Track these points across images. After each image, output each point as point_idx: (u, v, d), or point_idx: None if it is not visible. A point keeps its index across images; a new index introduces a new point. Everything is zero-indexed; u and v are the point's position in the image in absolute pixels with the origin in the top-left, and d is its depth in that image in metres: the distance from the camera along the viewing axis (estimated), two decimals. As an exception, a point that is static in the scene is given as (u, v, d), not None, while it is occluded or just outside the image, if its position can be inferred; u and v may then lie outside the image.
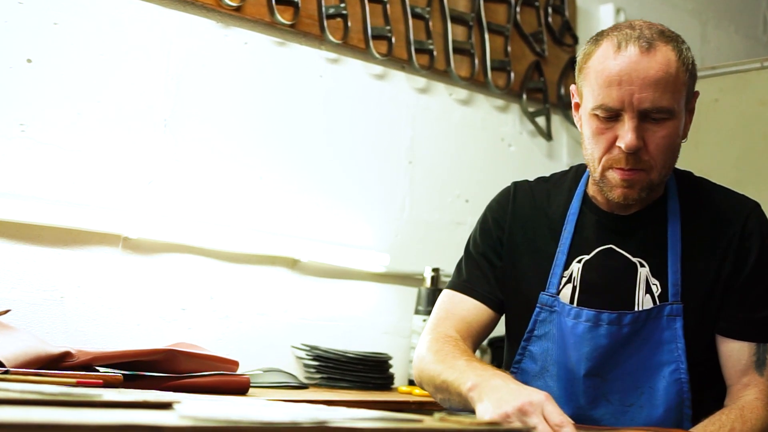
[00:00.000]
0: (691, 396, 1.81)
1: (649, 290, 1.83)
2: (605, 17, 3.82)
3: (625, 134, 1.74)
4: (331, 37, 2.92)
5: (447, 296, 2.02)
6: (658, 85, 1.72)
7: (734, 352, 1.83)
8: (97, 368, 2.12)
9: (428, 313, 2.93)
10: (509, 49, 3.42)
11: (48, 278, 2.39)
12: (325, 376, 2.77)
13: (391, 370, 2.90)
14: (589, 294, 1.86)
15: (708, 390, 1.85)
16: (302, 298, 2.87)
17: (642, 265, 1.84)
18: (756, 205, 1.92)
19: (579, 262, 1.89)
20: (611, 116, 1.77)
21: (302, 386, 2.64)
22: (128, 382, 2.10)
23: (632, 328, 1.82)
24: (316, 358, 2.79)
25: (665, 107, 1.73)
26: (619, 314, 1.82)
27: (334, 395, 2.55)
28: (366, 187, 3.05)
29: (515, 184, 2.07)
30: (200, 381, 2.23)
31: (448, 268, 3.17)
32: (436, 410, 2.75)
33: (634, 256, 1.85)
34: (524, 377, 1.91)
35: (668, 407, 1.80)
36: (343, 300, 2.97)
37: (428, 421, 1.29)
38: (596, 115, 1.79)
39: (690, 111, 1.83)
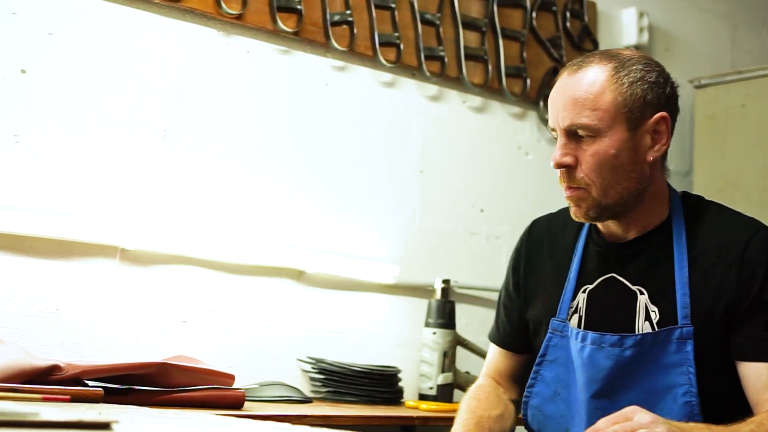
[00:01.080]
0: (704, 419, 1.78)
1: (648, 317, 1.84)
2: (628, 22, 3.73)
3: (554, 152, 1.85)
4: (336, 45, 2.87)
5: (490, 345, 2.19)
6: (576, 103, 1.80)
7: (753, 373, 1.79)
8: (87, 382, 2.10)
9: (438, 325, 2.90)
10: (525, 55, 3.35)
11: (43, 290, 2.37)
12: (330, 389, 2.72)
13: (401, 384, 2.84)
14: (593, 322, 1.90)
15: (726, 421, 1.79)
16: (308, 311, 2.82)
17: (641, 293, 1.86)
18: (761, 229, 1.87)
19: (584, 292, 1.94)
20: (556, 138, 1.87)
21: (306, 400, 2.59)
22: (117, 396, 2.07)
23: (637, 351, 1.82)
24: (321, 371, 2.74)
25: (584, 125, 1.79)
26: (621, 336, 1.84)
27: (338, 410, 2.49)
28: (375, 197, 3.00)
29: (532, 222, 2.15)
30: (192, 395, 2.19)
31: (461, 279, 3.13)
32: (441, 425, 2.70)
33: (633, 284, 1.88)
34: (537, 401, 1.97)
35: None
36: (351, 312, 2.92)
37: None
38: (555, 139, 1.90)
39: (657, 132, 1.84)
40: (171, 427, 1.31)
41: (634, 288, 1.86)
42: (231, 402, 2.23)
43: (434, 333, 2.89)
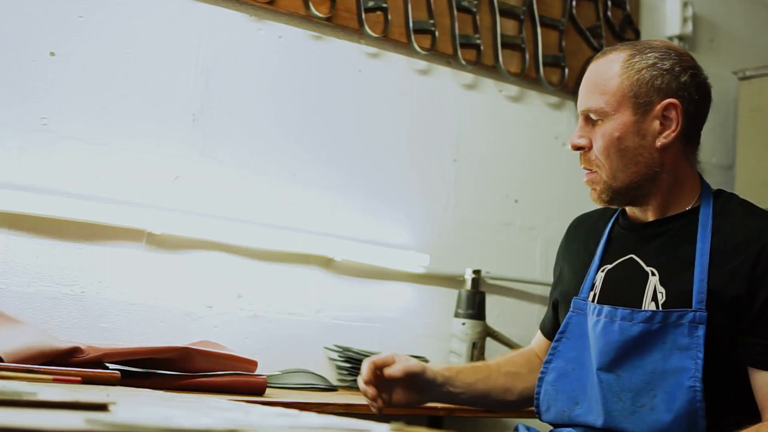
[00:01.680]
0: (706, 406, 1.76)
1: (654, 298, 1.85)
2: (671, 11, 3.65)
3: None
4: (370, 31, 2.85)
5: None
6: (589, 87, 1.90)
7: (761, 379, 1.79)
8: (107, 365, 2.09)
9: (468, 316, 2.86)
10: (564, 44, 3.30)
11: (68, 273, 2.37)
12: (356, 378, 2.69)
13: (429, 374, 2.81)
14: (605, 298, 1.93)
15: (727, 412, 1.80)
16: (336, 299, 2.80)
17: (653, 274, 1.87)
18: None
19: (603, 271, 1.97)
20: None
21: (331, 388, 2.57)
22: (138, 380, 2.07)
23: (646, 328, 1.82)
24: (347, 359, 2.71)
25: (593, 108, 1.87)
26: (631, 311, 1.85)
27: (361, 399, 2.46)
28: (407, 186, 2.97)
29: (575, 219, 2.21)
30: (214, 381, 2.18)
31: (494, 270, 3.09)
32: (467, 417, 2.67)
33: (647, 265, 1.89)
34: (553, 376, 1.99)
35: (679, 413, 1.78)
36: (380, 301, 2.89)
37: (382, 430, 1.20)
38: None
39: (666, 119, 1.87)
40: (172, 410, 1.30)
41: (647, 269, 1.88)
42: (252, 388, 2.22)
43: (463, 324, 2.86)
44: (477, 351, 2.85)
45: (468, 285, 2.91)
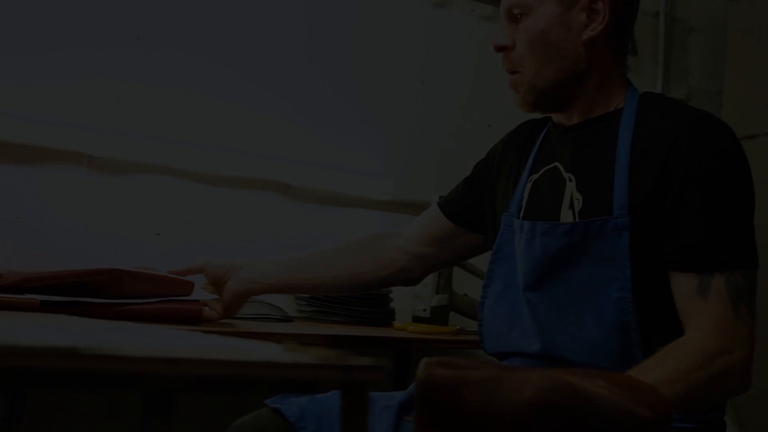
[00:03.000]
0: (638, 320, 1.64)
1: (572, 206, 1.73)
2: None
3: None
4: (329, -56, 2.70)
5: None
6: None
7: (676, 282, 1.66)
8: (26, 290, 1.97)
9: (433, 244, 2.72)
10: (541, -40, 3.14)
11: (3, 197, 2.26)
12: (315, 309, 2.59)
13: (393, 305, 2.70)
14: (529, 212, 1.82)
15: (664, 331, 1.66)
16: (295, 226, 2.69)
17: (570, 180, 1.76)
18: (702, 119, 1.70)
19: (530, 182, 1.84)
20: None
21: (287, 319, 2.47)
22: (61, 308, 1.94)
23: (568, 241, 1.70)
24: (306, 289, 2.60)
25: (517, 1, 1.76)
26: (551, 224, 1.73)
27: (316, 329, 2.36)
28: (371, 109, 2.84)
29: (524, 121, 2.06)
30: (143, 308, 2.03)
31: (464, 198, 2.96)
32: (430, 347, 2.56)
33: (566, 171, 1.78)
34: (492, 300, 1.88)
35: (610, 327, 1.66)
36: (342, 229, 2.78)
37: (267, 350, 1.09)
38: None
39: (593, 11, 1.75)
40: (44, 330, 1.19)
41: (566, 175, 1.77)
42: (187, 316, 2.07)
43: (428, 252, 2.74)
44: (443, 280, 2.74)
45: (433, 212, 2.79)
